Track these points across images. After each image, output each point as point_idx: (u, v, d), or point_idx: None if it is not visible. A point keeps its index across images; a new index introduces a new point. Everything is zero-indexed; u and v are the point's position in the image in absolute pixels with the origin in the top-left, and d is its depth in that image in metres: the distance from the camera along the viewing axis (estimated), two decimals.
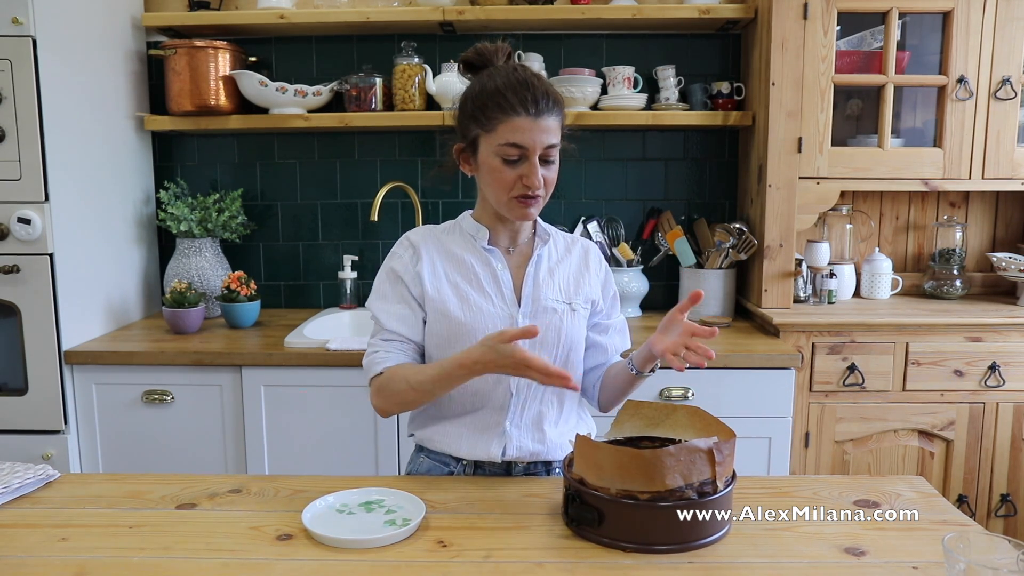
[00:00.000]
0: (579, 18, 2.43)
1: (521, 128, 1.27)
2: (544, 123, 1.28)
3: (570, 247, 1.49)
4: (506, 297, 1.38)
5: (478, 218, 1.43)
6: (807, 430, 2.25)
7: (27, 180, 2.04)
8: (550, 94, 1.29)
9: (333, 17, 2.44)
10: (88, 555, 1.06)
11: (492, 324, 1.34)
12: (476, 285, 1.38)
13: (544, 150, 1.30)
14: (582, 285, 1.44)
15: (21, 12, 1.97)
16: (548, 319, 1.37)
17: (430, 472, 1.41)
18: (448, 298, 1.36)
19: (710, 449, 1.06)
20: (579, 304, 1.42)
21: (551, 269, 1.42)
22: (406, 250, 1.41)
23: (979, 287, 2.70)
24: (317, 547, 1.07)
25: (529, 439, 1.37)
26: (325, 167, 2.71)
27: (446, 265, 1.40)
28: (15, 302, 2.09)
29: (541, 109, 1.27)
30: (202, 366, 2.12)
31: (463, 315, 1.35)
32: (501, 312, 1.36)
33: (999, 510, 2.31)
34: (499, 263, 1.40)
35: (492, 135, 1.29)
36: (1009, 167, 2.36)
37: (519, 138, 1.27)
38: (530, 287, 1.39)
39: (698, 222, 2.63)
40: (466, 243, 1.42)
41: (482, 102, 1.30)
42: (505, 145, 1.28)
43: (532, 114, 1.27)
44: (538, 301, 1.38)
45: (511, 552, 1.06)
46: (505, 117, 1.27)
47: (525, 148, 1.28)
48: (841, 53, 2.38)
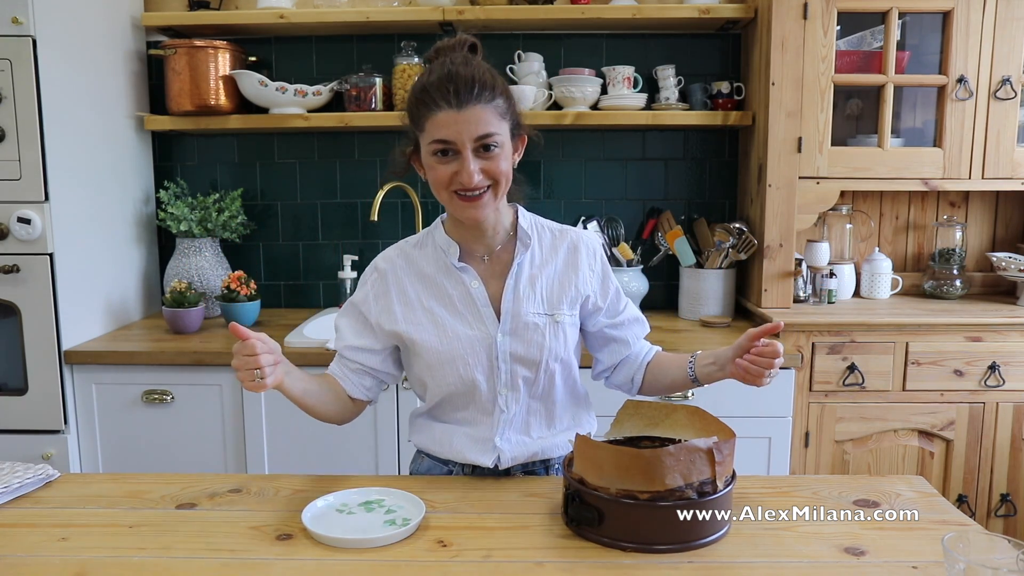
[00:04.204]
0: (579, 18, 2.43)
1: (444, 122, 1.21)
2: (469, 114, 1.20)
3: (557, 245, 1.39)
4: (484, 316, 1.32)
5: (449, 229, 1.37)
6: (807, 430, 2.25)
7: (27, 180, 2.04)
8: (476, 81, 1.21)
9: (333, 17, 2.44)
10: (88, 555, 1.06)
11: (471, 348, 1.31)
12: (450, 307, 1.33)
13: (478, 141, 1.22)
14: (567, 288, 1.37)
15: (21, 12, 1.97)
16: (529, 335, 1.32)
17: (430, 471, 1.41)
18: (423, 328, 1.33)
19: (710, 449, 1.06)
20: (563, 313, 1.35)
21: (532, 278, 1.35)
22: (373, 280, 1.39)
23: (979, 287, 2.70)
24: (317, 547, 1.08)
25: (522, 449, 1.35)
26: (325, 167, 2.71)
27: (417, 289, 1.36)
28: (15, 302, 2.09)
29: (464, 100, 1.20)
30: (202, 366, 2.12)
31: (440, 344, 1.32)
32: (479, 334, 1.32)
33: (999, 510, 2.31)
34: (474, 280, 1.34)
35: (424, 135, 1.25)
36: (1009, 167, 2.36)
37: (443, 132, 1.22)
38: (510, 301, 1.33)
39: (698, 222, 2.63)
40: (438, 260, 1.36)
41: (412, 102, 1.26)
42: (433, 142, 1.23)
43: (454, 106, 1.20)
44: (518, 317, 1.32)
45: (511, 552, 1.06)
46: (429, 113, 1.22)
47: (451, 142, 1.22)
48: (841, 53, 2.38)
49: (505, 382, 1.33)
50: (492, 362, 1.32)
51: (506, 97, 1.27)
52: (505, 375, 1.33)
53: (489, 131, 1.23)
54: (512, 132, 1.29)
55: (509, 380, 1.33)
